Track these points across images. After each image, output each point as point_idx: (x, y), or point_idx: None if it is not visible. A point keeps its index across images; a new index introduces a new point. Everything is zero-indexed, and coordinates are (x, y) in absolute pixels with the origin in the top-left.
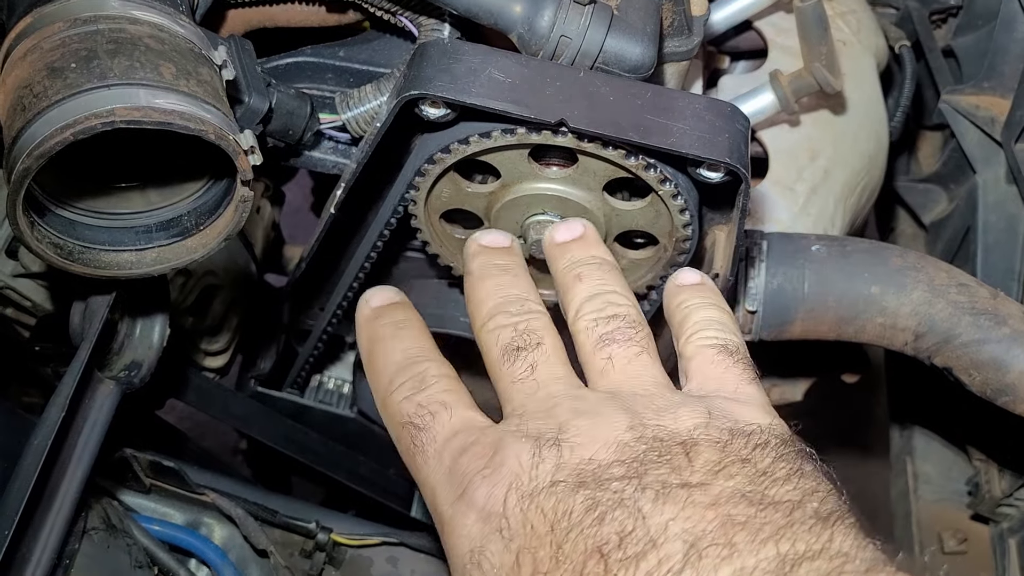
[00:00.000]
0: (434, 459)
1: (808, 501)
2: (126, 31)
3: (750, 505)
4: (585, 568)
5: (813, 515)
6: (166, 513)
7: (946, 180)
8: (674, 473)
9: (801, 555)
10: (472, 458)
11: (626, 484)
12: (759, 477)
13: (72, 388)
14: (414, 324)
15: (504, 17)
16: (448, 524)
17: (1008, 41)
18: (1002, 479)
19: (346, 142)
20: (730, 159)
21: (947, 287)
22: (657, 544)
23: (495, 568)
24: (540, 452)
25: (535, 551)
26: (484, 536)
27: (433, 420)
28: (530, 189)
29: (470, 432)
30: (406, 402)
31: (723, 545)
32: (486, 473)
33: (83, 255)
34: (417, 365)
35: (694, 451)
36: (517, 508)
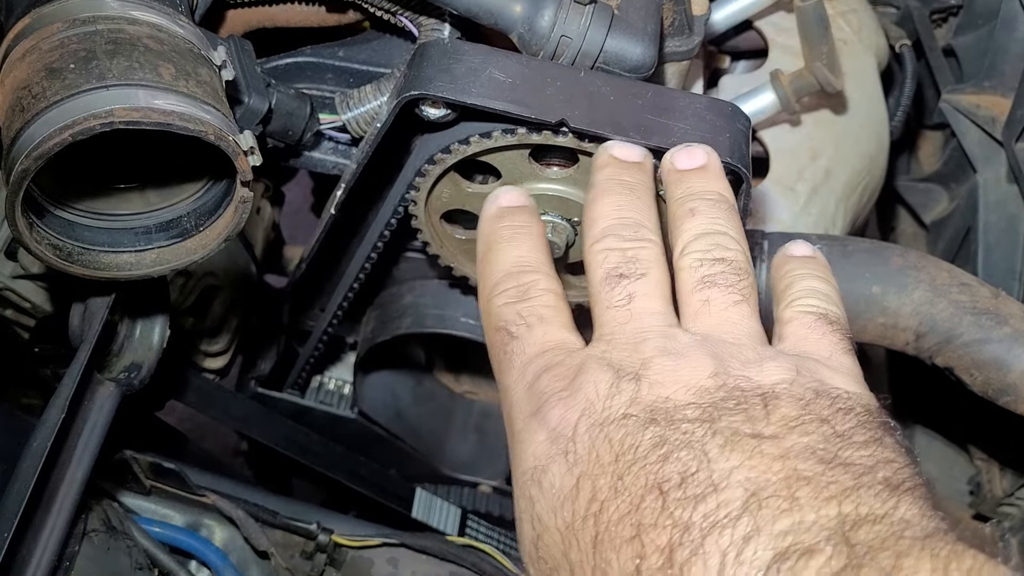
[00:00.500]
0: (518, 371)
1: (880, 468)
2: (125, 31)
3: (819, 463)
4: (643, 502)
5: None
6: (166, 515)
7: (947, 179)
8: (748, 423)
9: (863, 518)
10: (553, 378)
11: (697, 427)
12: (835, 439)
13: (72, 390)
14: (535, 232)
15: (504, 17)
16: (518, 436)
17: (1008, 40)
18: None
19: (346, 142)
20: (731, 159)
21: (948, 287)
22: (718, 488)
23: (554, 488)
24: (619, 383)
25: (596, 478)
26: (549, 456)
27: (528, 331)
28: (531, 189)
29: (558, 352)
30: (507, 308)
31: (785, 498)
32: (563, 395)
33: (82, 256)
34: (527, 274)
35: (773, 404)
36: (586, 435)
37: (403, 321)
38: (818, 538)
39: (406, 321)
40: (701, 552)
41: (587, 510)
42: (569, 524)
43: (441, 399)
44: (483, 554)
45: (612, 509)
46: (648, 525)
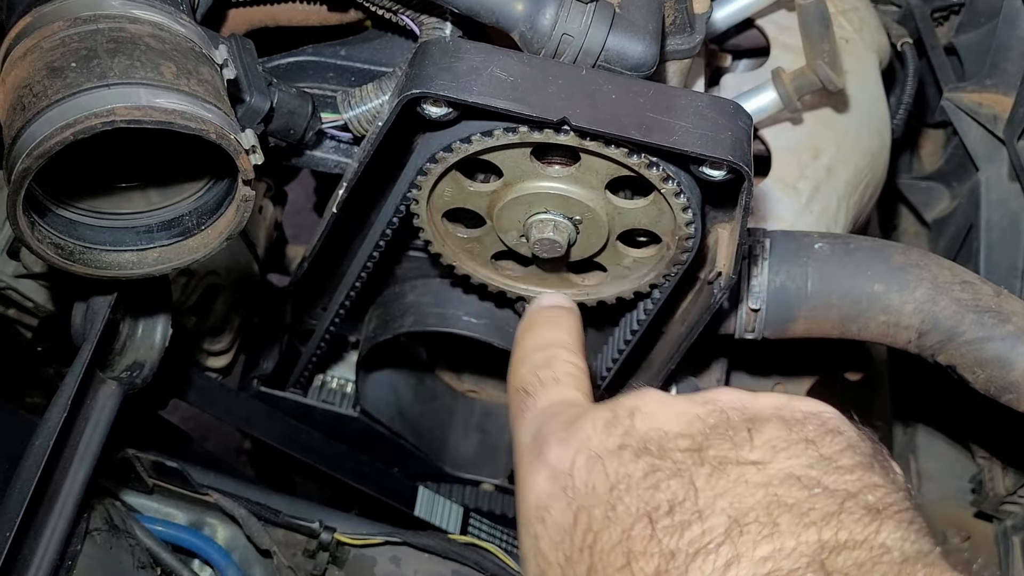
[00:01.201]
0: (528, 422)
1: (865, 493)
2: (126, 30)
3: (802, 489)
4: (633, 530)
5: (865, 507)
6: (169, 513)
7: (949, 178)
8: (734, 450)
9: (842, 544)
10: (556, 425)
11: (687, 456)
12: (821, 462)
13: (74, 388)
14: (570, 323)
15: (506, 15)
16: (523, 479)
17: (1010, 38)
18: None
19: (348, 141)
20: (733, 157)
21: (950, 285)
22: (703, 516)
23: (556, 525)
24: (615, 420)
25: (591, 509)
26: (551, 494)
27: (542, 389)
28: (532, 188)
29: (565, 406)
30: (528, 372)
31: (766, 524)
32: (562, 436)
33: (84, 255)
34: (553, 348)
35: (759, 428)
36: (584, 468)
37: (405, 320)
38: (797, 564)
39: (408, 320)
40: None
41: (583, 541)
42: (568, 557)
43: (443, 398)
44: (485, 552)
45: (605, 538)
46: (638, 553)
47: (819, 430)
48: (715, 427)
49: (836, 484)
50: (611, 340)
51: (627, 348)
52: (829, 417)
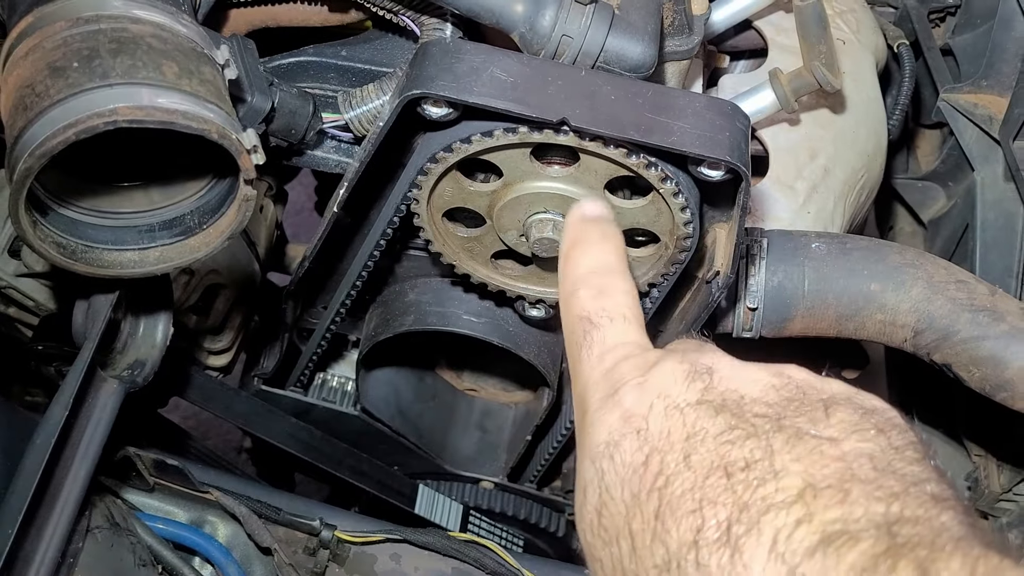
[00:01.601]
0: (597, 358)
1: (928, 483)
2: (128, 30)
3: (874, 469)
4: (708, 479)
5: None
6: (170, 511)
7: (945, 178)
8: (810, 424)
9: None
10: (631, 367)
11: (764, 421)
12: (890, 450)
13: (75, 387)
14: (618, 240)
15: (506, 17)
16: (592, 416)
17: (1006, 40)
18: (1001, 474)
19: (349, 141)
20: (730, 157)
21: (946, 284)
22: (779, 476)
23: (624, 463)
24: (693, 375)
25: (665, 454)
26: (623, 432)
27: (610, 323)
28: (532, 188)
29: (636, 347)
30: (591, 300)
31: (838, 491)
32: (640, 380)
33: (86, 254)
34: (609, 275)
35: (833, 408)
36: (661, 415)
37: (405, 319)
38: (864, 528)
39: (408, 319)
40: (756, 529)
41: (653, 483)
42: (635, 495)
43: (443, 396)
44: (485, 549)
45: (677, 483)
46: (710, 500)
47: (888, 423)
48: (790, 400)
49: (903, 470)
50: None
51: None
52: (894, 415)
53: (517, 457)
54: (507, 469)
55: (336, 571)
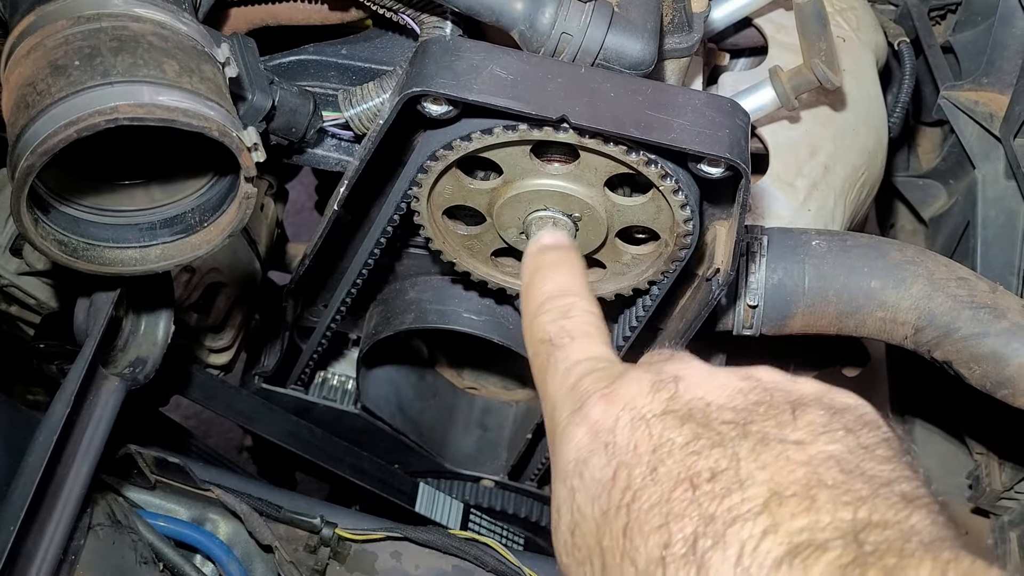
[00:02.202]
0: (562, 375)
1: (899, 483)
2: (129, 29)
3: (841, 472)
4: (674, 492)
5: (899, 495)
6: (171, 509)
7: (945, 176)
8: (777, 428)
9: (875, 523)
10: (596, 380)
11: (730, 428)
12: (859, 449)
13: (77, 384)
14: (576, 265)
15: (506, 14)
16: (561, 434)
17: (1007, 37)
18: (1002, 472)
19: (349, 139)
20: (730, 155)
21: (946, 281)
22: (744, 486)
23: (594, 479)
24: (659, 384)
25: (632, 467)
26: (591, 448)
27: (571, 343)
28: (532, 185)
29: (600, 360)
30: (551, 323)
31: (804, 498)
32: (605, 392)
33: (87, 252)
34: (569, 297)
35: (801, 410)
36: (627, 428)
37: (406, 317)
38: (831, 537)
39: (409, 317)
40: (722, 543)
41: (621, 499)
42: (605, 512)
43: (444, 395)
44: (485, 547)
45: (644, 498)
46: (676, 515)
47: (858, 421)
48: (758, 403)
49: (872, 471)
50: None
51: (626, 345)
52: (867, 411)
53: (518, 455)
54: (508, 467)
55: (337, 569)
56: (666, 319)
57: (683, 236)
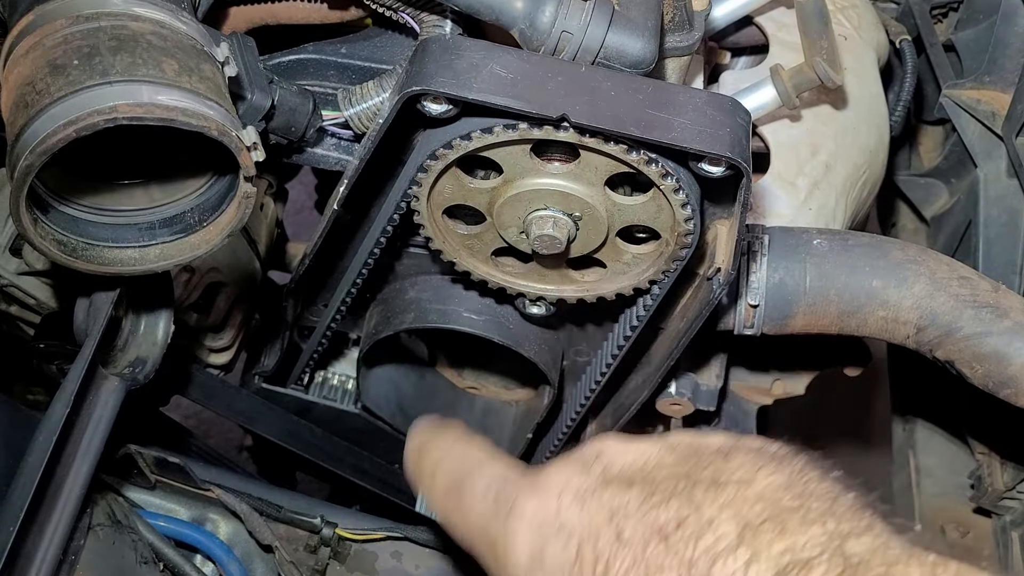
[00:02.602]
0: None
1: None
2: (128, 28)
3: (794, 496)
4: (647, 549)
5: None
6: (171, 509)
7: (947, 174)
8: (719, 472)
9: (848, 532)
10: (515, 486)
11: (677, 481)
12: (798, 475)
13: (77, 384)
14: (456, 430)
15: (505, 13)
16: (501, 545)
17: (1009, 35)
18: (1004, 472)
19: (349, 138)
20: (731, 154)
21: (948, 280)
22: (713, 526)
23: (558, 567)
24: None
25: (595, 540)
26: (542, 539)
27: (478, 470)
28: (532, 184)
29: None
30: (450, 473)
31: (775, 524)
32: (532, 490)
33: (87, 252)
34: (457, 445)
35: (731, 454)
36: (574, 507)
37: (406, 316)
38: (813, 553)
39: (409, 316)
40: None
41: (593, 571)
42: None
43: (444, 394)
44: None
45: (618, 564)
46: (656, 568)
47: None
48: (688, 457)
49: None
50: (610, 336)
51: (626, 344)
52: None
53: (518, 455)
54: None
55: (337, 569)
56: (667, 318)
57: (684, 235)
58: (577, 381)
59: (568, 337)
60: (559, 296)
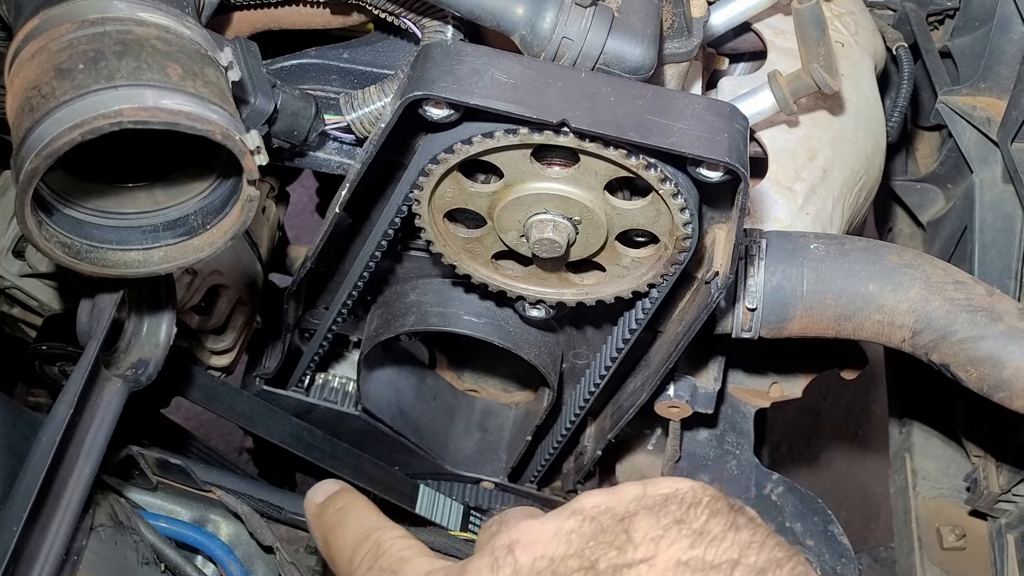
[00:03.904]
0: None
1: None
2: (133, 33)
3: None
4: None
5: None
6: (173, 510)
7: (943, 180)
8: (620, 554)
9: None
10: None
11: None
12: (697, 539)
13: (80, 385)
14: (357, 503)
15: (506, 19)
16: None
17: (1004, 42)
18: (1000, 475)
19: (351, 142)
20: (729, 159)
21: (944, 284)
22: None
23: None
24: (497, 563)
25: None
26: None
27: None
28: (532, 189)
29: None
30: (370, 572)
31: None
32: None
33: (91, 254)
34: (370, 537)
35: (633, 525)
36: None
37: (407, 319)
38: None
39: (409, 319)
40: None
41: None
42: None
43: (444, 396)
44: None
45: None
46: None
47: (681, 507)
48: (593, 536)
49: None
50: (609, 339)
51: (625, 347)
52: (685, 491)
53: (518, 457)
54: (507, 469)
55: None
56: (665, 321)
57: (682, 239)
58: (576, 383)
59: (567, 340)
60: (558, 299)
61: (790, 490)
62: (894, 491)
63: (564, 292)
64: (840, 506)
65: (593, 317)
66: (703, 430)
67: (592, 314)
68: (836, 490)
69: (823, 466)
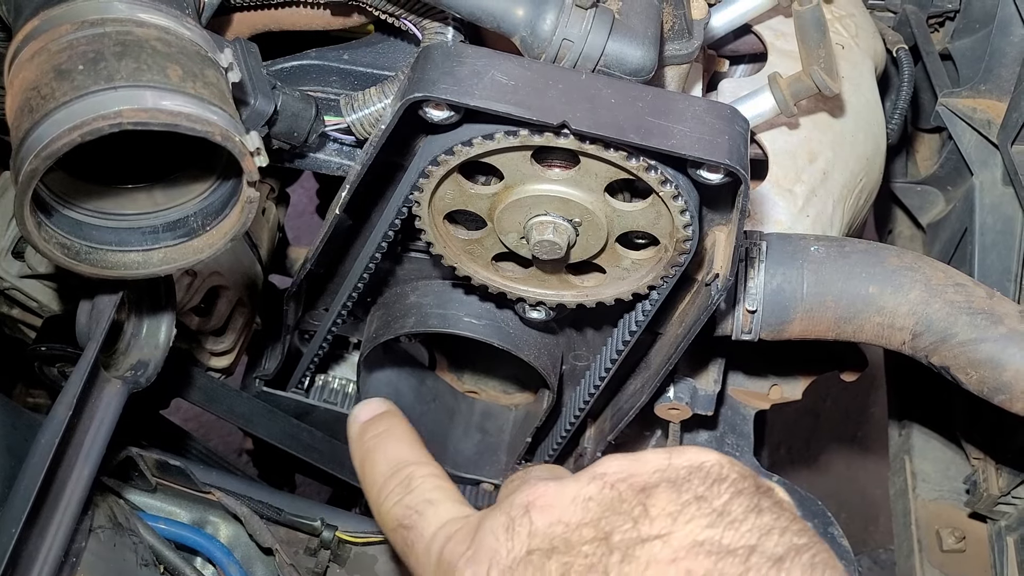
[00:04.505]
0: (424, 554)
1: (764, 541)
2: (133, 33)
3: (708, 556)
4: None
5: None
6: (172, 511)
7: (943, 182)
8: (635, 528)
9: None
10: (456, 544)
11: (596, 547)
12: (717, 518)
13: (79, 387)
14: (399, 432)
15: (507, 21)
16: None
17: (1005, 44)
18: (999, 477)
19: (351, 144)
20: (730, 161)
21: (944, 287)
22: None
23: None
24: (514, 524)
25: None
26: None
27: (420, 518)
28: (533, 190)
29: (455, 522)
30: (396, 507)
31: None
32: (468, 555)
33: (90, 255)
34: (403, 471)
35: (652, 497)
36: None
37: (407, 320)
38: None
39: (409, 320)
40: None
41: None
42: None
43: (444, 398)
44: None
45: None
46: None
47: (704, 483)
48: (610, 506)
49: (736, 541)
50: (609, 341)
51: (625, 349)
52: (711, 465)
53: (518, 459)
54: (507, 471)
55: (337, 571)
56: (665, 323)
57: (683, 241)
58: (576, 385)
59: (567, 342)
60: (559, 301)
61: (790, 492)
62: (894, 493)
63: (564, 294)
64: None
65: (593, 319)
66: (703, 432)
67: (592, 316)
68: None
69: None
